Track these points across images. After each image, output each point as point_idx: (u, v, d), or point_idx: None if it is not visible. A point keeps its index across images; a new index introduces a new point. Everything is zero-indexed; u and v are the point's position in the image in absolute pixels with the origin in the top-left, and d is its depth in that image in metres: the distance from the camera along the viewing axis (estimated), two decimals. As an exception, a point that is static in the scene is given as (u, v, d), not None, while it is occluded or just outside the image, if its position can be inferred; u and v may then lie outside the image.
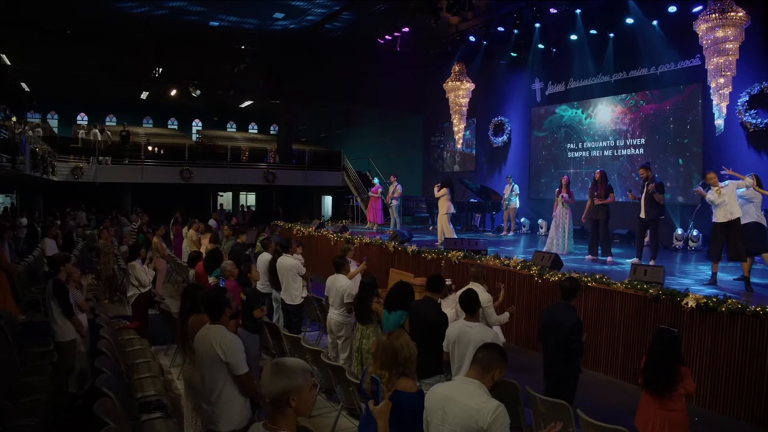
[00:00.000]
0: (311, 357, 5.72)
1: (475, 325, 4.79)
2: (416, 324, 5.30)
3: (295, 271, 8.06)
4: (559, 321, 5.36)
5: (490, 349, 3.31)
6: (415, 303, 5.51)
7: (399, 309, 5.52)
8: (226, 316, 4.25)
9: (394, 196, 16.32)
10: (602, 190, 10.85)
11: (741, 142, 12.68)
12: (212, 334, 4.12)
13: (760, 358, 6.16)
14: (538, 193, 18.34)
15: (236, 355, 4.04)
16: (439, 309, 5.43)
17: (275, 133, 34.80)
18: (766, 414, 6.10)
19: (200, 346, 4.16)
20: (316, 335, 9.09)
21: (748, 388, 6.22)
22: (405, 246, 12.28)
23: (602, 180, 10.96)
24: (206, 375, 4.11)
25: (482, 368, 3.21)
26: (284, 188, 26.03)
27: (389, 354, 3.43)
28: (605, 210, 10.85)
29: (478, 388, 3.14)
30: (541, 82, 18.32)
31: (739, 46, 10.57)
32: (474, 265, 7.52)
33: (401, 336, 3.56)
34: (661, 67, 14.53)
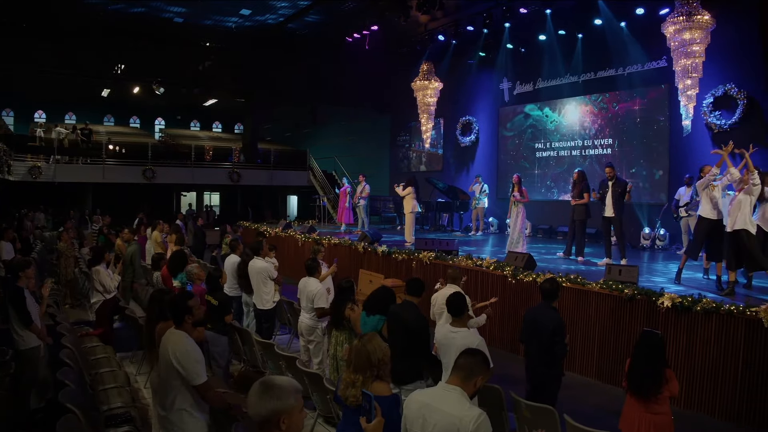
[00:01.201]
0: (285, 363, 5.52)
1: (460, 330, 4.67)
2: (396, 328, 5.15)
3: (265, 274, 7.81)
4: (541, 322, 5.30)
5: (472, 356, 3.20)
6: (394, 307, 5.37)
7: (378, 313, 5.37)
8: (188, 323, 4.04)
9: (362, 196, 16.18)
10: (577, 190, 10.86)
11: (706, 143, 12.87)
12: (171, 340, 3.92)
13: (734, 356, 6.20)
14: (507, 192, 18.31)
15: (191, 364, 3.82)
16: (419, 312, 5.30)
17: (240, 132, 34.34)
18: (740, 411, 6.15)
19: (162, 349, 3.97)
20: (286, 339, 8.86)
21: (723, 385, 6.26)
22: (375, 247, 12.13)
23: (579, 179, 10.97)
24: (163, 380, 3.92)
25: (464, 375, 3.11)
26: (249, 188, 25.66)
27: (362, 357, 3.37)
28: (582, 210, 10.85)
29: (460, 396, 3.04)
30: (509, 81, 18.37)
31: (705, 48, 10.71)
32: (451, 267, 7.41)
33: (373, 339, 3.49)
34: (628, 68, 14.70)
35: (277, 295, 8.03)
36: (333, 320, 5.82)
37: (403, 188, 13.52)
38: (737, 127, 12.29)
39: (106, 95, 28.22)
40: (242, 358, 6.70)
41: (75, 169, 21.70)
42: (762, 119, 12.02)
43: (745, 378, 6.11)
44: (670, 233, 13.22)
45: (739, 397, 6.16)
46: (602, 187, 10.29)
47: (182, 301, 4.08)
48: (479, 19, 16.38)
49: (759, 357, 6.02)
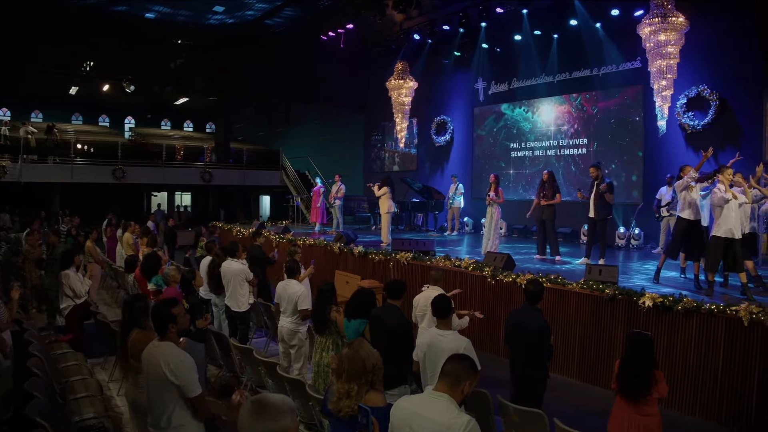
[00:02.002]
0: (265, 369, 5.34)
1: (447, 333, 4.57)
2: (379, 332, 5.03)
3: (242, 276, 7.63)
4: (526, 324, 5.23)
5: (459, 361, 3.11)
6: (376, 310, 5.25)
7: (360, 317, 5.24)
8: (173, 332, 3.86)
9: (338, 196, 16.01)
10: (549, 191, 10.88)
11: (680, 143, 13.03)
12: (160, 353, 3.72)
13: (714, 356, 6.22)
14: (481, 192, 18.33)
15: (188, 376, 3.66)
16: (403, 315, 5.19)
17: (211, 131, 33.86)
18: (720, 410, 6.17)
19: (147, 365, 3.76)
20: (263, 342, 8.68)
21: (704, 385, 6.29)
22: (350, 247, 12.00)
23: (550, 180, 10.99)
24: (155, 397, 3.71)
25: (451, 381, 3.00)
26: (221, 188, 25.32)
27: (357, 364, 3.24)
28: (552, 210, 10.88)
29: (448, 403, 2.94)
30: (484, 81, 18.37)
31: (679, 50, 10.82)
32: (433, 269, 7.31)
33: (363, 344, 3.39)
34: (603, 69, 14.80)
35: (251, 297, 7.85)
36: (316, 325, 5.63)
37: (379, 188, 13.41)
38: (710, 127, 12.45)
39: (74, 93, 27.53)
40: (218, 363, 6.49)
41: (42, 168, 21.12)
42: (733, 120, 12.20)
43: (726, 377, 6.13)
44: (645, 232, 13.34)
45: (719, 397, 6.18)
46: (590, 187, 10.32)
47: (165, 308, 3.91)
48: (455, 19, 16.35)
49: (738, 356, 6.05)
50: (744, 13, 11.80)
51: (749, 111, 11.96)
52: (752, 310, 5.96)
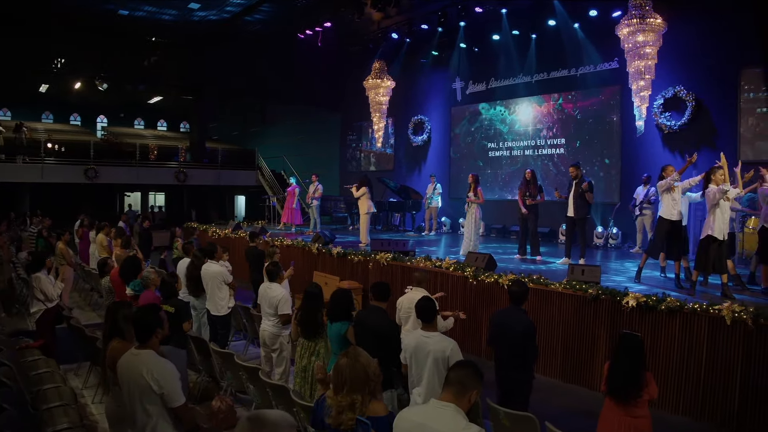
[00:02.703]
0: (247, 375, 5.18)
1: (433, 335, 4.46)
2: (364, 335, 4.91)
3: (220, 278, 7.43)
4: (511, 325, 5.17)
5: (465, 368, 3.01)
6: (361, 313, 5.14)
7: (341, 319, 5.12)
8: (157, 339, 3.70)
9: (315, 196, 15.87)
10: (533, 190, 10.85)
11: (657, 143, 13.15)
12: (142, 362, 3.55)
13: (697, 355, 6.25)
14: (459, 192, 18.34)
15: (172, 385, 3.51)
16: (389, 317, 5.09)
17: (186, 130, 33.38)
18: (703, 409, 6.20)
19: (126, 375, 3.58)
20: (241, 345, 8.52)
21: (687, 383, 6.31)
22: (329, 248, 11.86)
23: (533, 180, 10.97)
24: (136, 409, 3.54)
25: (457, 390, 2.91)
26: (195, 188, 24.97)
27: (360, 373, 3.08)
28: (534, 209, 10.86)
29: (455, 413, 2.83)
30: (461, 81, 18.35)
31: (657, 50, 10.89)
32: (417, 270, 7.22)
33: (360, 351, 3.24)
34: (581, 69, 14.87)
35: (232, 300, 7.67)
36: (304, 329, 5.47)
37: (357, 188, 13.27)
38: (686, 128, 12.58)
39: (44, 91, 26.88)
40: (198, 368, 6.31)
41: (11, 168, 20.52)
42: (709, 121, 12.33)
43: (708, 376, 6.16)
44: (623, 232, 13.43)
45: (702, 396, 6.21)
46: (569, 186, 10.33)
47: (150, 315, 3.73)
48: (434, 18, 16.28)
49: (721, 355, 6.09)
50: (720, 15, 11.94)
51: (725, 112, 12.10)
52: (734, 309, 5.99)
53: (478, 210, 11.42)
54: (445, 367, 4.27)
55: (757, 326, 5.84)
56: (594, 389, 7.08)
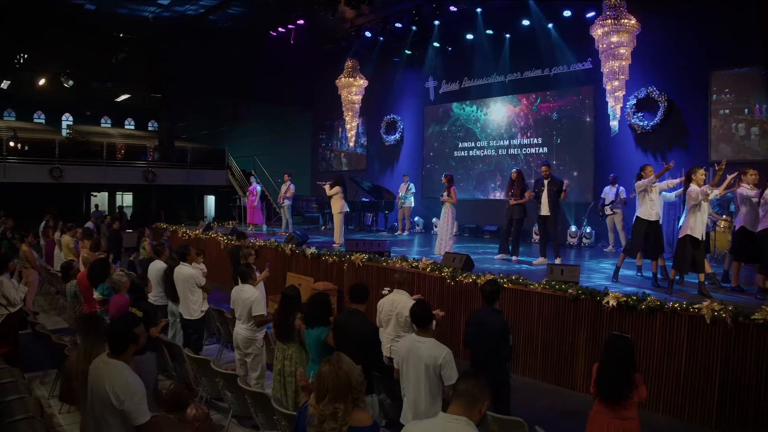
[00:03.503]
0: (224, 381, 4.99)
1: (426, 340, 4.33)
2: (344, 339, 4.76)
3: (193, 281, 7.19)
4: (486, 326, 5.11)
5: (474, 379, 2.92)
6: (341, 317, 4.99)
7: (320, 324, 4.97)
8: (130, 352, 3.50)
9: (287, 196, 15.68)
10: (518, 189, 10.81)
11: (629, 143, 13.26)
12: (108, 374, 3.36)
13: (677, 353, 6.27)
14: (432, 192, 18.29)
15: (135, 402, 3.31)
16: (368, 321, 4.96)
17: (154, 129, 32.76)
18: (683, 407, 6.22)
19: (92, 383, 3.39)
20: (215, 349, 8.30)
21: (667, 382, 6.32)
22: (303, 248, 11.68)
23: (519, 179, 10.93)
24: (98, 420, 3.34)
25: (468, 402, 2.82)
26: (164, 188, 24.50)
27: (343, 381, 2.96)
28: (521, 209, 10.81)
29: (466, 426, 2.77)
30: (434, 80, 18.30)
31: (631, 51, 10.96)
32: (398, 271, 7.08)
33: (343, 358, 3.11)
34: (555, 69, 14.93)
35: (205, 304, 7.44)
36: (280, 332, 5.31)
37: (330, 187, 13.10)
38: (658, 128, 12.71)
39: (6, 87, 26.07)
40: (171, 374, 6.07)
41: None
42: (681, 121, 12.48)
43: (688, 374, 6.19)
44: (596, 231, 13.51)
45: (681, 394, 6.23)
46: (537, 186, 10.31)
47: (127, 327, 3.53)
48: (408, 16, 16.15)
49: (701, 353, 6.11)
50: (691, 17, 12.08)
51: (696, 112, 12.26)
52: (714, 308, 6.01)
53: (451, 210, 11.36)
54: (437, 374, 4.17)
55: (736, 325, 5.87)
56: (575, 389, 7.08)
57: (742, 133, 11.77)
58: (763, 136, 11.50)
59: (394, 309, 5.81)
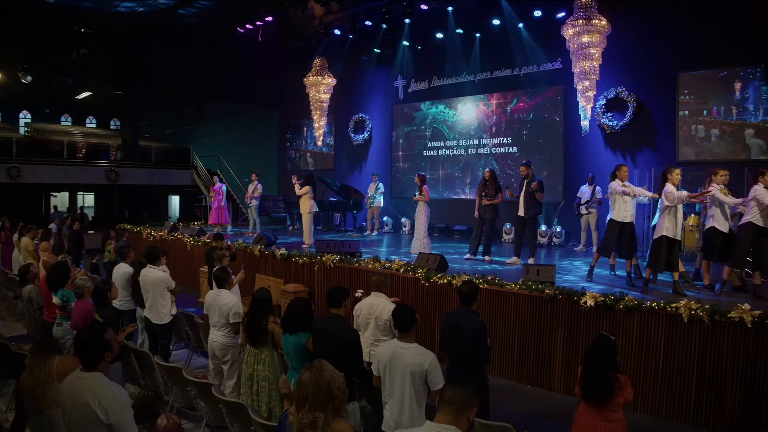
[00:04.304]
0: (197, 390, 4.77)
1: (410, 346, 4.18)
2: (324, 344, 4.60)
3: (163, 285, 6.91)
4: (462, 327, 4.99)
5: (463, 386, 2.81)
6: (318, 321, 4.81)
7: (300, 330, 4.79)
8: (107, 362, 3.29)
9: (254, 196, 15.43)
10: (491, 189, 10.75)
11: (599, 143, 13.37)
12: (88, 388, 3.14)
13: (655, 352, 6.28)
14: (401, 191, 18.23)
15: (123, 414, 3.13)
16: (349, 325, 4.80)
17: (116, 128, 31.98)
18: (660, 405, 6.24)
19: (69, 403, 3.16)
20: (183, 354, 8.03)
21: (645, 381, 6.32)
22: (272, 249, 11.45)
23: (492, 179, 10.86)
24: None
25: (457, 410, 2.72)
26: (127, 188, 23.93)
27: (323, 390, 2.83)
28: (493, 209, 10.76)
29: None
30: (403, 79, 18.20)
31: (602, 51, 11.02)
32: (376, 273, 6.92)
33: (325, 365, 2.98)
34: (524, 69, 14.97)
35: (174, 308, 7.18)
36: (251, 336, 5.11)
37: (300, 186, 12.89)
38: (627, 128, 12.85)
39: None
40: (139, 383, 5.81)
41: None
42: (649, 121, 12.63)
43: (666, 373, 6.21)
44: (566, 230, 13.59)
45: (659, 392, 6.25)
46: (519, 185, 10.29)
47: (97, 336, 3.30)
48: (378, 14, 16.00)
49: (678, 351, 6.14)
50: (660, 18, 12.23)
51: (664, 113, 12.43)
52: (691, 307, 6.02)
53: (425, 208, 11.28)
54: (422, 381, 4.04)
55: (713, 323, 5.91)
56: (552, 390, 7.04)
57: (701, 134, 11.98)
58: (723, 138, 11.73)
59: (373, 312, 5.66)
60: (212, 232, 14.71)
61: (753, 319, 5.68)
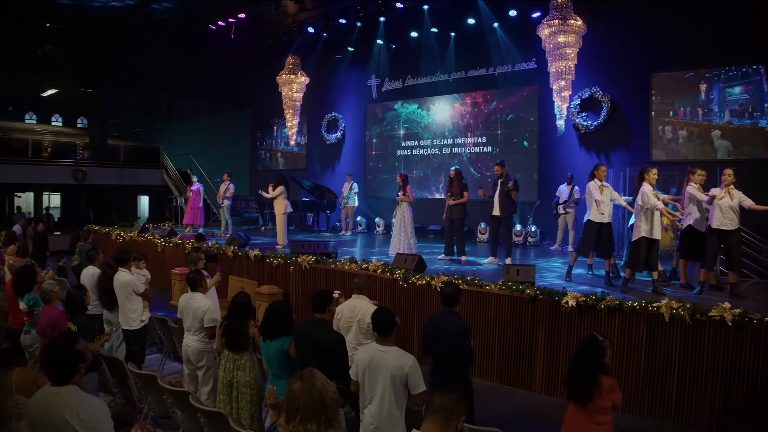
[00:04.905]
0: (173, 399, 4.58)
1: (390, 349, 4.06)
2: (307, 349, 4.46)
3: (130, 289, 6.67)
4: (445, 330, 4.90)
5: (451, 393, 2.72)
6: (302, 326, 4.66)
7: (282, 335, 4.64)
8: (81, 374, 3.10)
9: (227, 196, 15.16)
10: (457, 189, 10.68)
11: (573, 143, 13.42)
12: (64, 403, 2.95)
13: (637, 352, 6.29)
14: (374, 191, 18.11)
15: (105, 426, 2.96)
16: (333, 330, 4.67)
17: (83, 126, 31.26)
18: (642, 404, 6.25)
19: (43, 421, 2.96)
20: (156, 359, 7.79)
21: (627, 380, 6.31)
22: (246, 250, 11.25)
23: (457, 178, 10.79)
24: None
25: (444, 418, 2.63)
26: (95, 188, 23.36)
27: (316, 400, 2.71)
28: (460, 209, 10.69)
29: None
30: (377, 78, 18.08)
31: (577, 52, 11.04)
32: (357, 275, 6.77)
33: (316, 374, 2.84)
34: (499, 68, 14.95)
35: (146, 313, 6.93)
36: (230, 341, 4.93)
37: (273, 188, 12.71)
38: (602, 128, 12.92)
39: None
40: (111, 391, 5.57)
41: None
42: (624, 122, 12.72)
43: (647, 372, 6.23)
44: (541, 230, 13.62)
45: (640, 391, 6.26)
46: (493, 185, 10.24)
47: (69, 348, 3.10)
48: (352, 12, 15.83)
49: (659, 350, 6.16)
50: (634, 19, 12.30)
51: (638, 113, 12.52)
52: (672, 306, 6.04)
53: (408, 209, 11.19)
54: (403, 384, 3.93)
55: (694, 322, 5.93)
56: (533, 390, 7.01)
57: (669, 136, 12.13)
58: (690, 139, 11.88)
59: (355, 315, 5.53)
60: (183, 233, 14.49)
61: (733, 318, 5.72)
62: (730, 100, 11.46)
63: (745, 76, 11.29)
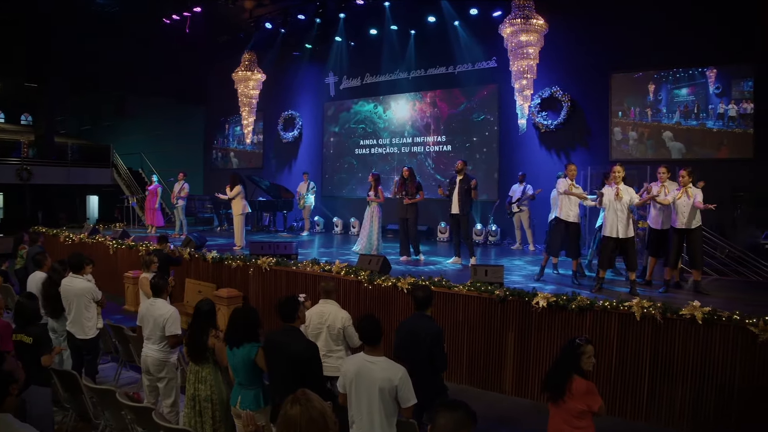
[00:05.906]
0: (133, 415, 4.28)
1: (378, 360, 3.84)
2: (279, 359, 4.21)
3: (89, 296, 6.32)
4: (418, 334, 4.75)
5: (455, 411, 2.53)
6: (273, 335, 4.40)
7: (248, 341, 4.39)
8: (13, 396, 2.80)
9: (181, 196, 14.75)
10: (411, 188, 10.53)
11: (533, 142, 13.47)
12: None
13: (608, 351, 6.27)
14: (332, 190, 17.86)
15: None
16: (306, 338, 4.43)
17: (27, 123, 30.02)
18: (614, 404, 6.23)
19: None
20: (111, 369, 7.41)
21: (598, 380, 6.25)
22: (203, 252, 10.89)
23: (411, 177, 10.64)
24: None
25: None
26: (41, 188, 22.42)
27: (317, 421, 2.43)
28: (414, 209, 10.55)
29: None
30: (335, 76, 17.81)
31: (539, 51, 11.04)
32: (324, 279, 6.52)
33: (310, 395, 2.55)
34: (459, 67, 14.88)
35: (100, 321, 6.56)
36: (193, 352, 4.66)
37: (230, 189, 12.37)
38: (562, 127, 12.99)
39: None
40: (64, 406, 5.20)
41: None
42: (583, 121, 12.81)
43: (618, 371, 6.23)
44: (501, 229, 13.61)
45: (612, 390, 6.25)
46: (450, 183, 10.10)
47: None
48: (311, 8, 15.50)
49: (630, 349, 6.17)
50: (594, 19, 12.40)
51: (597, 113, 12.64)
52: (644, 305, 6.04)
53: (378, 209, 11.01)
54: (392, 397, 3.72)
55: (665, 320, 5.96)
56: (504, 393, 6.96)
57: (618, 137, 12.31)
58: (640, 140, 12.05)
59: (324, 321, 5.31)
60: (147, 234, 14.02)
61: (703, 316, 5.75)
62: (678, 101, 11.69)
63: (691, 78, 11.55)
